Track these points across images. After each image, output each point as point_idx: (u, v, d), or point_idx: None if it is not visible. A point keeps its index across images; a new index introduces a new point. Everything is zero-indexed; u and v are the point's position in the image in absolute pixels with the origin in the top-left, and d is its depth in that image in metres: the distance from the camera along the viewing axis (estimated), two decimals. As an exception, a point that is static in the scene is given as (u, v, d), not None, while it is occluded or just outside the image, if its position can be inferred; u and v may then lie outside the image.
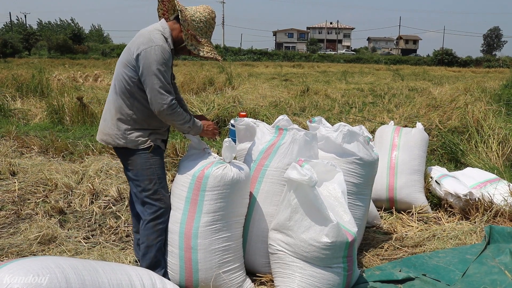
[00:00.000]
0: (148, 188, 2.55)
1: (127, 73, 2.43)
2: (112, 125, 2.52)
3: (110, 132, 2.53)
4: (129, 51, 2.44)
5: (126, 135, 2.50)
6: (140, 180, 2.55)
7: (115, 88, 2.51)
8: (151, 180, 2.55)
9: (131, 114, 2.48)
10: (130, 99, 2.47)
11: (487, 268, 2.88)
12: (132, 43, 2.46)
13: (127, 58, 2.44)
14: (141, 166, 2.54)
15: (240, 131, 3.18)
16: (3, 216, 3.79)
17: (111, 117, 2.52)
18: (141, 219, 2.61)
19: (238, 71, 21.76)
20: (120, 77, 2.47)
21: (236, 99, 8.81)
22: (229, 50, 60.59)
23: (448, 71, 33.93)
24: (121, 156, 2.62)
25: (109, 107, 2.55)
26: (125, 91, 2.46)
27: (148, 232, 2.55)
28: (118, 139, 2.51)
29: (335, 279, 2.46)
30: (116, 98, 2.50)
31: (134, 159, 2.54)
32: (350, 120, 7.61)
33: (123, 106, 2.48)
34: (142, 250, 2.58)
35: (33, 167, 4.94)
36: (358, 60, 57.57)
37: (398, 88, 14.78)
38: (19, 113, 8.71)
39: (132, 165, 2.56)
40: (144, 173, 2.54)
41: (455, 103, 7.25)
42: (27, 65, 21.87)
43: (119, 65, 2.51)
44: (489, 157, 5.04)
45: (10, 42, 43.65)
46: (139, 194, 2.58)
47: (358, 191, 3.12)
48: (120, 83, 2.47)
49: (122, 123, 2.50)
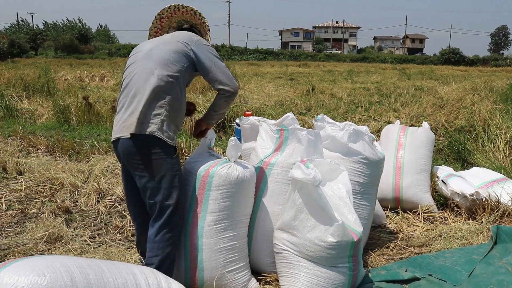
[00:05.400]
0: (172, 198, 2.38)
1: (180, 59, 2.41)
2: (139, 112, 2.30)
3: (133, 120, 2.30)
4: (180, 42, 2.46)
5: (156, 122, 2.31)
6: (162, 188, 2.36)
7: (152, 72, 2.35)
8: (175, 188, 2.39)
9: (169, 101, 2.35)
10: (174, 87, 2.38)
11: (494, 269, 2.86)
12: (176, 37, 2.50)
13: (180, 46, 2.43)
14: (167, 172, 2.35)
15: (245, 130, 3.19)
16: (10, 215, 3.82)
17: (140, 103, 2.32)
18: (153, 229, 2.41)
19: (244, 71, 21.76)
20: (169, 62, 2.38)
21: (241, 98, 8.80)
22: (235, 49, 60.65)
23: (454, 70, 33.75)
24: (139, 160, 2.34)
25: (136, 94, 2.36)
26: (173, 77, 2.37)
27: (163, 244, 2.38)
28: (145, 124, 2.29)
29: (341, 279, 2.45)
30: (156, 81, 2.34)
31: (159, 164, 2.34)
32: (356, 119, 7.58)
33: (161, 92, 2.33)
34: (156, 263, 2.36)
35: (39, 166, 4.97)
36: (364, 59, 57.41)
37: (404, 87, 14.69)
38: (26, 113, 8.75)
39: (154, 172, 2.34)
40: (169, 180, 2.36)
41: (461, 102, 7.21)
42: (34, 65, 22.00)
43: (165, 49, 2.42)
44: (496, 156, 5.01)
45: (17, 42, 43.89)
46: (159, 204, 2.37)
47: (364, 190, 3.11)
48: (166, 68, 2.37)
49: (156, 109, 2.32)
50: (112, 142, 2.46)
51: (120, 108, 2.42)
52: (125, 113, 2.36)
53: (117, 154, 2.50)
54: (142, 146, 2.32)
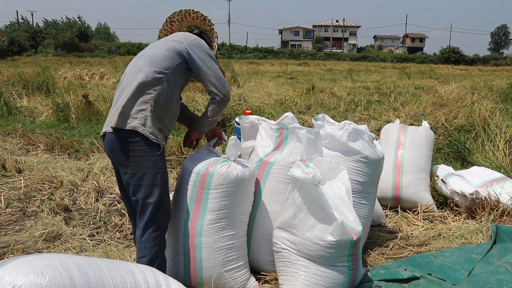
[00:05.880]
0: (154, 196, 2.33)
1: (171, 56, 2.38)
2: (124, 106, 2.29)
3: (116, 115, 2.28)
4: (174, 41, 2.44)
5: (139, 118, 2.28)
6: (144, 186, 2.32)
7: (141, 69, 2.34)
8: (157, 187, 2.34)
9: (154, 97, 2.32)
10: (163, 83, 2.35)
11: (493, 268, 2.86)
12: (173, 36, 2.51)
13: (173, 45, 2.42)
14: (148, 169, 2.31)
15: (245, 129, 3.18)
16: (9, 213, 3.81)
17: (127, 97, 2.31)
18: (139, 229, 2.37)
19: (244, 69, 21.77)
20: (158, 59, 2.36)
21: (241, 97, 8.79)
22: (235, 48, 60.68)
23: (454, 69, 33.75)
24: (122, 156, 2.32)
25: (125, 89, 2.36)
26: (161, 73, 2.34)
27: (150, 244, 2.34)
28: (128, 118, 2.27)
29: (340, 278, 2.45)
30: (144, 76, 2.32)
31: (140, 161, 2.30)
32: (356, 118, 7.58)
33: (147, 87, 2.31)
34: (145, 263, 2.30)
35: (39, 164, 4.97)
36: (364, 58, 57.40)
37: (404, 86, 14.71)
38: (25, 111, 8.75)
39: (135, 168, 2.31)
40: (151, 177, 2.32)
41: (461, 101, 7.20)
42: (34, 63, 21.96)
43: (158, 47, 2.43)
44: (495, 155, 5.00)
45: (17, 41, 43.83)
46: (141, 202, 2.34)
47: (363, 189, 3.11)
48: (154, 64, 2.35)
49: (141, 105, 2.30)
50: (101, 137, 2.44)
51: (113, 104, 2.43)
52: (113, 109, 2.36)
53: (105, 149, 2.50)
54: (124, 142, 2.30)
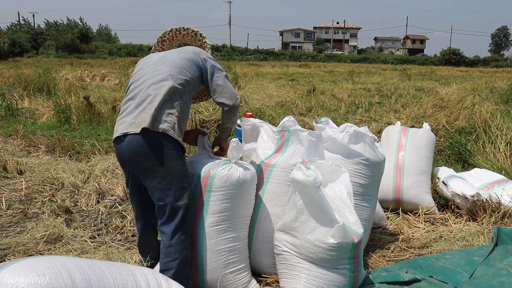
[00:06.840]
0: (184, 198, 2.35)
1: (192, 67, 2.49)
2: (152, 110, 2.30)
3: (146, 116, 2.28)
4: (193, 52, 2.57)
5: (169, 121, 2.32)
6: (173, 189, 2.32)
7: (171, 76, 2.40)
8: (185, 190, 2.37)
9: (181, 103, 2.40)
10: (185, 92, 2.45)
11: (495, 270, 2.86)
12: (188, 47, 2.65)
13: (192, 56, 2.53)
14: (178, 173, 2.33)
15: (246, 131, 3.18)
16: (10, 214, 3.81)
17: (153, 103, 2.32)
18: (166, 234, 2.36)
19: (245, 71, 21.75)
20: (183, 68, 2.46)
21: (242, 99, 8.80)
22: (236, 49, 60.75)
23: (455, 71, 33.75)
24: (150, 160, 2.29)
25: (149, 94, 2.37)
26: (186, 81, 2.44)
27: (180, 247, 2.34)
28: (159, 121, 2.28)
29: (341, 280, 2.44)
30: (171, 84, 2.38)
31: (171, 165, 2.31)
32: (356, 120, 7.57)
33: (175, 94, 2.37)
34: (175, 267, 2.33)
35: (40, 166, 4.96)
36: (364, 60, 57.43)
37: (405, 88, 14.68)
38: (27, 112, 8.76)
39: (165, 172, 2.30)
40: (181, 181, 2.34)
41: (462, 103, 7.19)
42: (35, 65, 22.00)
43: (180, 56, 2.51)
44: (497, 157, 5.00)
45: (18, 42, 43.91)
46: (170, 206, 2.33)
47: (365, 192, 3.11)
48: (181, 72, 2.44)
49: (170, 109, 2.34)
50: (115, 140, 2.38)
51: (126, 108, 2.38)
52: (134, 112, 2.32)
53: (120, 152, 2.38)
54: (154, 145, 2.28)
